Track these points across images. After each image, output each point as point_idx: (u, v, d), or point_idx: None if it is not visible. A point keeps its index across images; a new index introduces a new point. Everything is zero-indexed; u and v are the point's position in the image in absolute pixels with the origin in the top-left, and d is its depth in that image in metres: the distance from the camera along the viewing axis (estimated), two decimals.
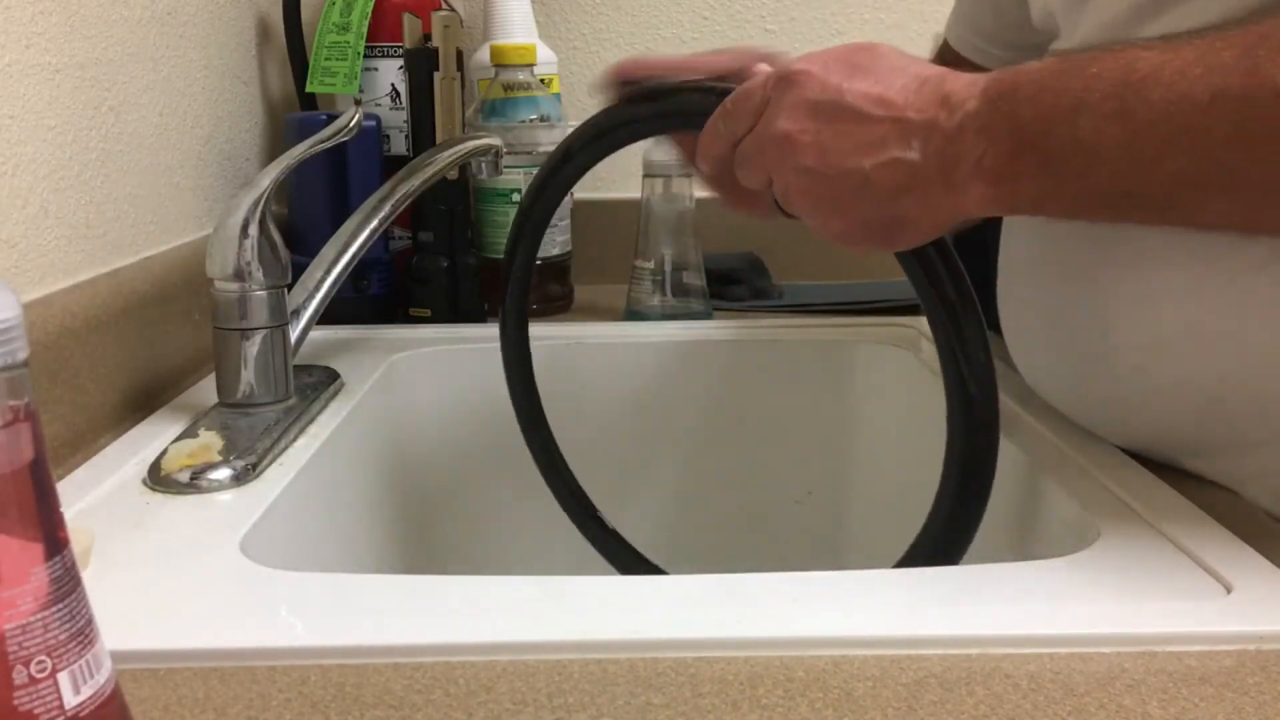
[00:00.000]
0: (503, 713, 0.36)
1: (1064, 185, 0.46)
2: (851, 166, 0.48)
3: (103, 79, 0.68)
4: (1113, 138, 0.43)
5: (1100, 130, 0.44)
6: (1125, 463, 0.58)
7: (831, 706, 0.37)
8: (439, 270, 0.92)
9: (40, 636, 0.28)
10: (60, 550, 0.29)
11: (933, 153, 0.47)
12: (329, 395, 0.71)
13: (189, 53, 0.81)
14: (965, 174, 0.47)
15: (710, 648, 0.40)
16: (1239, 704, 0.37)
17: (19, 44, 0.59)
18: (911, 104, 0.47)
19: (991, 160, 0.46)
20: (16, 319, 0.28)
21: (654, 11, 1.18)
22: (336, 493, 0.67)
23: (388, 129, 0.96)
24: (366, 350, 0.84)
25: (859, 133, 0.48)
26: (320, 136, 0.64)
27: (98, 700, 0.30)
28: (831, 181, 0.49)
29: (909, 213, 0.49)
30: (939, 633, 0.41)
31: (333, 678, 0.38)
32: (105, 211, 0.69)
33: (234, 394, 0.64)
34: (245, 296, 0.63)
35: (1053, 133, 0.45)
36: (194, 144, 0.82)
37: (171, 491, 0.55)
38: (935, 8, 1.18)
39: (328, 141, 0.64)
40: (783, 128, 0.50)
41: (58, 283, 0.63)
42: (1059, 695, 0.37)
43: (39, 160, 0.61)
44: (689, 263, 0.94)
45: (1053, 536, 0.56)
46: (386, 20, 0.94)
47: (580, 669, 0.39)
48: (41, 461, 0.28)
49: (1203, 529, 0.49)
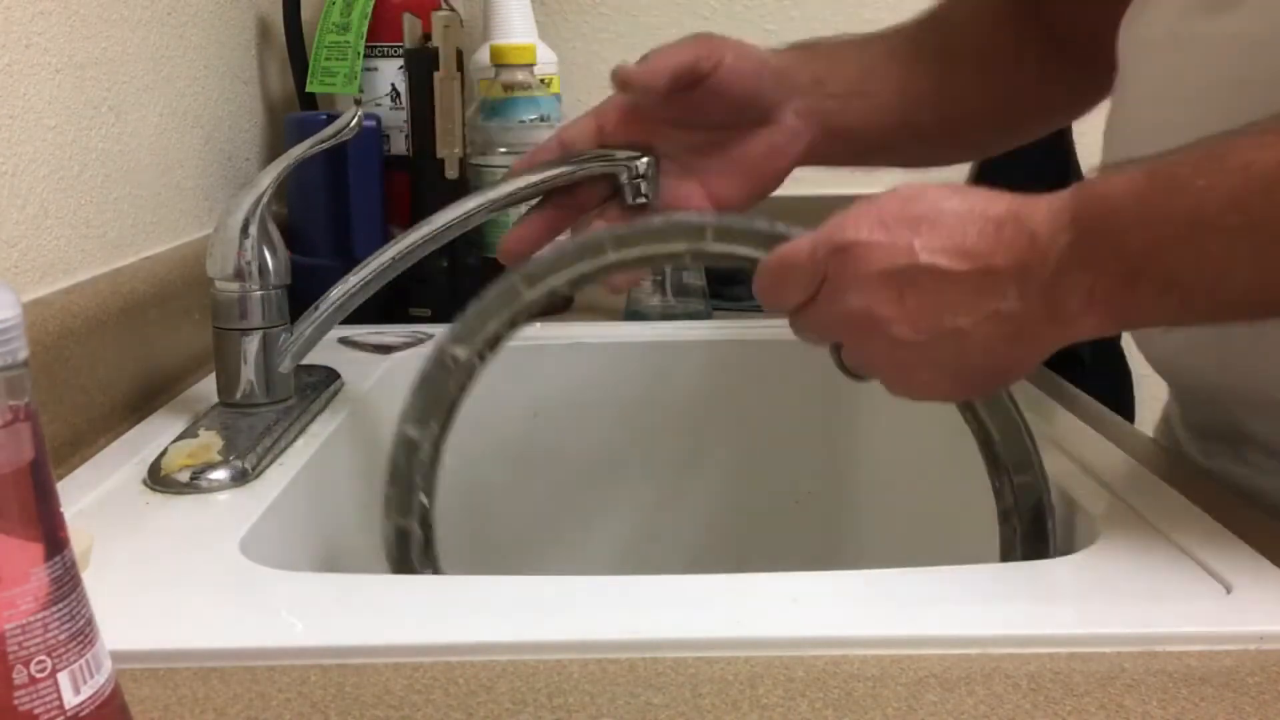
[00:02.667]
0: (503, 713, 0.36)
1: (1189, 305, 0.43)
2: (949, 328, 0.45)
3: (103, 79, 0.68)
4: (1243, 254, 0.41)
5: (1228, 247, 0.41)
6: (1125, 462, 0.58)
7: (831, 706, 0.37)
8: (439, 270, 0.92)
9: (40, 636, 0.28)
10: (60, 550, 0.29)
11: (1034, 296, 0.44)
12: (329, 395, 0.71)
13: (189, 53, 0.81)
14: (1076, 309, 0.44)
15: (710, 648, 0.40)
16: (1239, 704, 0.37)
17: (19, 44, 0.59)
18: (997, 250, 0.44)
19: (1104, 291, 0.43)
20: (16, 319, 0.28)
21: (654, 11, 1.18)
22: (336, 493, 0.67)
23: (388, 129, 0.96)
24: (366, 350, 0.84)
25: (949, 291, 0.45)
26: (320, 136, 0.64)
27: (98, 700, 0.30)
28: (925, 348, 0.46)
29: (1018, 359, 0.47)
30: (939, 633, 0.41)
31: (333, 678, 0.38)
32: (105, 211, 0.69)
33: (234, 394, 0.64)
34: (245, 296, 0.63)
35: (1169, 258, 0.42)
36: (194, 144, 0.82)
37: (171, 491, 0.55)
38: None
39: (328, 141, 0.64)
40: (859, 304, 0.46)
41: (58, 283, 0.63)
42: (1059, 695, 0.37)
43: (39, 160, 0.61)
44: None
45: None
46: (386, 20, 0.94)
47: (580, 669, 0.39)
48: (41, 461, 0.28)
49: (1203, 529, 0.49)
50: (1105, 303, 0.43)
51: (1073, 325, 0.44)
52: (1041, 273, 0.44)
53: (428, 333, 0.88)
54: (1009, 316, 0.44)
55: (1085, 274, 0.43)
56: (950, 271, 0.44)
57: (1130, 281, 0.43)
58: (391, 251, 0.65)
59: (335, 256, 0.89)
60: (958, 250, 0.44)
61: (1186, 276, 0.42)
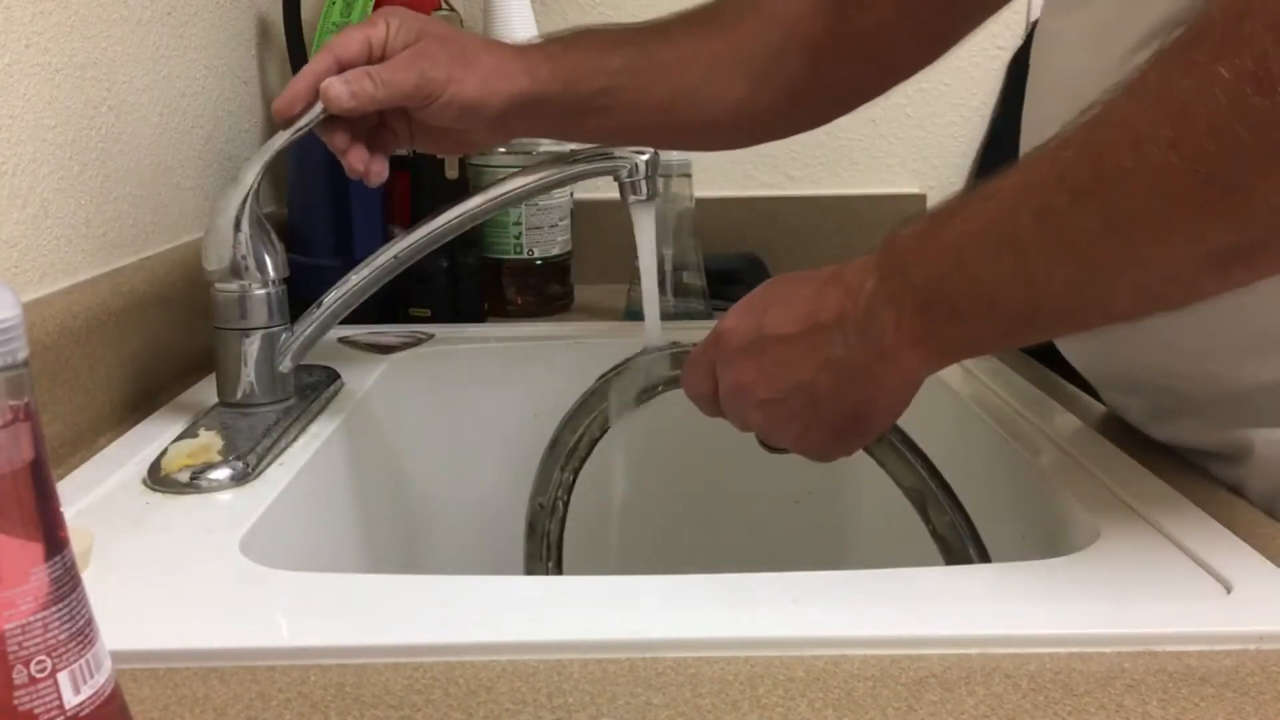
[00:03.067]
0: (503, 713, 0.36)
1: (979, 326, 0.47)
2: (796, 381, 0.51)
3: (103, 79, 0.68)
4: (1001, 268, 0.44)
5: (987, 264, 0.45)
6: (1125, 462, 0.58)
7: (831, 706, 0.37)
8: (439, 270, 0.92)
9: (40, 636, 0.28)
10: (60, 550, 0.29)
11: (855, 340, 0.49)
12: (329, 395, 0.71)
13: (189, 53, 0.81)
14: (891, 344, 0.48)
15: (710, 648, 0.40)
16: (1239, 704, 0.37)
17: (19, 44, 0.59)
18: (822, 308, 0.50)
19: (908, 323, 0.48)
20: (16, 319, 0.28)
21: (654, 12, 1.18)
22: (336, 493, 0.67)
23: None
24: (366, 350, 0.84)
25: (789, 352, 0.51)
26: (296, 126, 0.63)
27: (98, 700, 0.30)
28: (785, 404, 0.52)
29: (863, 400, 0.51)
30: (939, 633, 0.41)
31: (333, 678, 0.38)
32: (105, 211, 0.69)
33: (234, 394, 0.64)
34: (245, 296, 0.63)
35: (948, 283, 0.46)
36: (194, 144, 0.82)
37: (171, 491, 0.55)
38: None
39: (302, 129, 0.63)
40: (731, 379, 0.54)
41: (58, 283, 0.63)
42: (1059, 695, 0.37)
43: (39, 160, 0.61)
44: (689, 263, 0.94)
45: (1053, 536, 0.56)
46: None
47: (580, 669, 0.39)
48: (41, 461, 0.28)
49: (1203, 529, 0.49)
50: (912, 334, 0.48)
51: (897, 360, 0.49)
52: (855, 314, 0.49)
53: (428, 333, 0.89)
54: (840, 361, 0.50)
55: (889, 309, 0.48)
56: (787, 335, 0.51)
57: (924, 310, 0.47)
58: (391, 251, 0.65)
59: (335, 256, 0.90)
60: (793, 317, 0.51)
61: (964, 301, 0.46)
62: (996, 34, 1.19)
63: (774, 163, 1.20)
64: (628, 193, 0.65)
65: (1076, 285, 0.43)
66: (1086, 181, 0.41)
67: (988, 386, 0.73)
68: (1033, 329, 0.49)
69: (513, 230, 0.96)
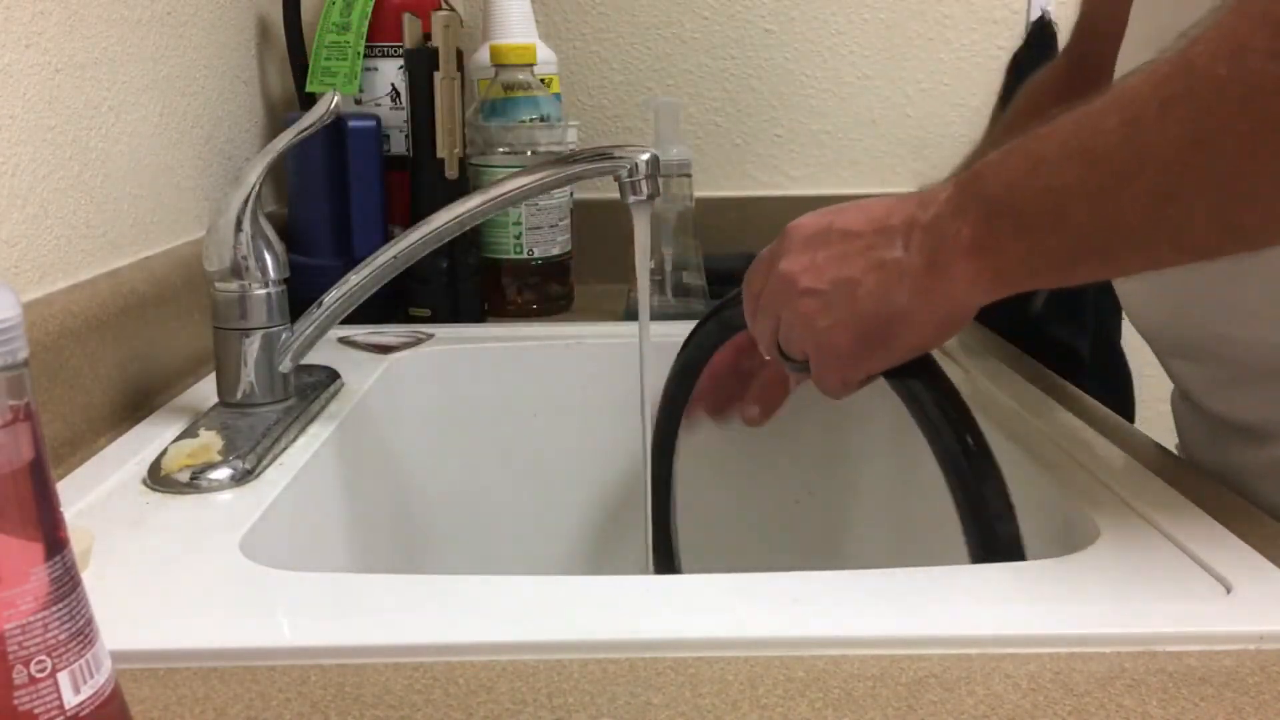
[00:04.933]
0: (503, 713, 0.36)
1: (1044, 240, 0.46)
2: (843, 277, 0.52)
3: (103, 79, 0.68)
4: (1076, 175, 0.44)
5: (1062, 171, 0.44)
6: (1125, 462, 0.58)
7: (831, 706, 0.37)
8: (439, 270, 0.92)
9: (40, 636, 0.28)
10: (60, 550, 0.29)
11: (915, 245, 0.50)
12: (329, 395, 0.71)
13: (189, 53, 0.81)
14: (947, 255, 0.48)
15: (710, 648, 0.40)
16: (1239, 704, 0.37)
17: (19, 44, 0.59)
18: (893, 212, 0.51)
19: (969, 233, 0.47)
20: (16, 319, 0.28)
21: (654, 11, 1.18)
22: (336, 493, 0.67)
23: (388, 129, 0.96)
24: (366, 350, 0.84)
25: (849, 248, 0.52)
26: (299, 126, 0.63)
27: (98, 700, 0.30)
28: (824, 295, 0.52)
29: (900, 311, 0.50)
30: (939, 633, 0.41)
31: (333, 678, 0.38)
32: (105, 211, 0.69)
33: (234, 394, 0.64)
34: (245, 296, 0.63)
35: (1018, 192, 0.46)
36: (194, 144, 0.82)
37: (171, 491, 0.55)
38: (934, 7, 1.19)
39: (306, 130, 0.63)
40: (784, 269, 0.54)
41: (57, 283, 0.63)
42: (1059, 695, 0.37)
43: (39, 160, 0.61)
44: (689, 263, 0.94)
45: (1053, 536, 0.56)
46: (386, 20, 0.94)
47: (580, 669, 0.39)
48: (41, 461, 0.28)
49: (1203, 529, 0.49)
50: (971, 243, 0.48)
51: (946, 273, 0.49)
52: (922, 222, 0.50)
53: (427, 332, 0.89)
54: (893, 264, 0.50)
55: (955, 220, 0.48)
56: (853, 231, 0.52)
57: (988, 219, 0.47)
58: (391, 251, 0.65)
59: (335, 256, 0.90)
60: (864, 219, 0.52)
61: (1031, 212, 0.46)
62: (996, 34, 1.19)
63: (774, 163, 1.20)
64: (628, 192, 0.65)
65: (1152, 202, 0.42)
66: (1179, 91, 0.40)
67: (988, 386, 0.73)
68: (1096, 257, 0.46)
69: (513, 230, 0.96)
